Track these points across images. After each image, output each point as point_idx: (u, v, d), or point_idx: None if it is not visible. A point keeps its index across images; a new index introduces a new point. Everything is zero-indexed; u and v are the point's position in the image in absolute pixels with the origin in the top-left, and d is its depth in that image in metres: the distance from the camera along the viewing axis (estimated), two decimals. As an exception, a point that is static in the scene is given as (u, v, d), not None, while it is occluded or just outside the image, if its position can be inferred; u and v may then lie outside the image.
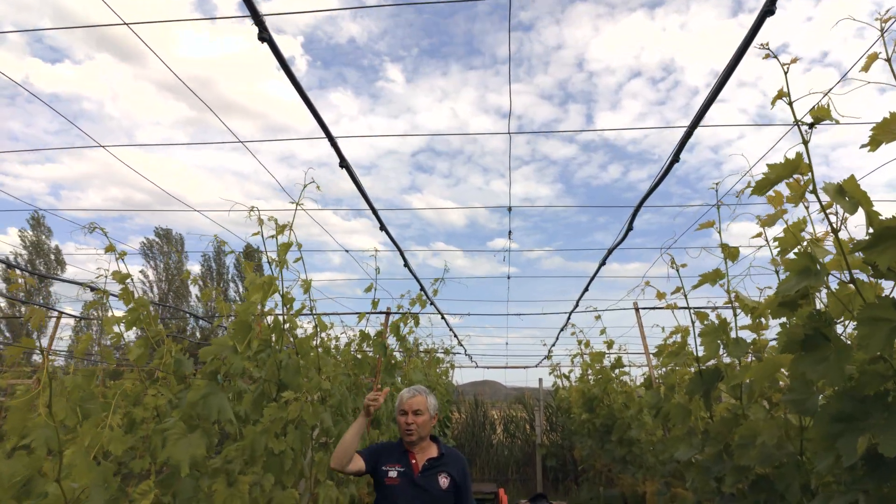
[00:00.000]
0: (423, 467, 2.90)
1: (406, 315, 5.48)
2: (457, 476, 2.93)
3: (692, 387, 3.07)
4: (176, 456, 2.22)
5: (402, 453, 2.95)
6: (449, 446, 3.12)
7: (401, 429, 2.98)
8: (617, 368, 6.68)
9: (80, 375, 2.98)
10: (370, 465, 2.90)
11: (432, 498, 2.83)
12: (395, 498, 2.82)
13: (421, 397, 3.01)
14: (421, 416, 2.96)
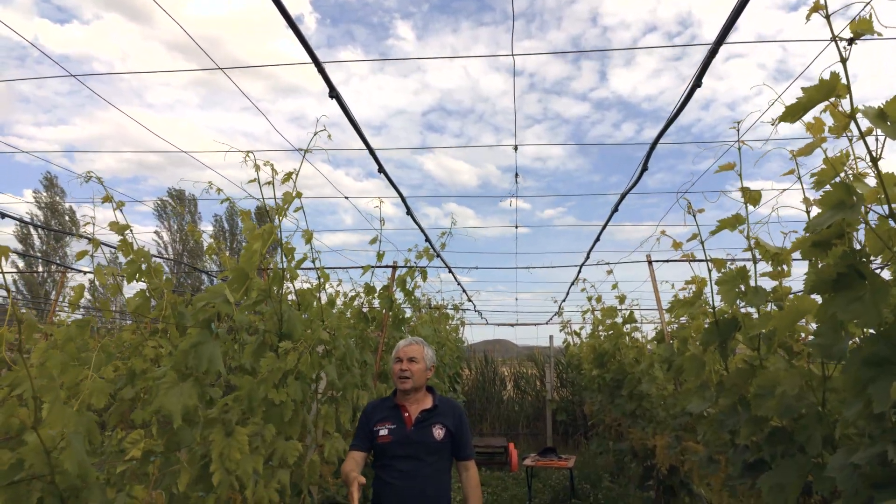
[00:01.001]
0: (415, 420, 2.84)
1: (413, 269, 5.37)
2: (452, 426, 2.87)
3: (707, 337, 2.94)
4: (167, 406, 2.13)
5: (393, 408, 2.91)
6: (444, 397, 3.04)
7: (395, 377, 2.93)
8: (628, 324, 6.57)
9: (73, 326, 2.90)
10: (368, 439, 2.85)
11: (427, 451, 2.78)
12: (389, 455, 2.78)
13: (417, 346, 2.97)
14: (416, 364, 2.91)
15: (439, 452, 2.79)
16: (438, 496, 2.68)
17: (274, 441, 3.02)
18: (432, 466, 2.76)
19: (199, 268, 28.03)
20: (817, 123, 1.99)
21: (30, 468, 1.57)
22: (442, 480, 2.80)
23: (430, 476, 2.73)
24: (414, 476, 2.71)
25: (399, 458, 2.76)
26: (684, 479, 5.81)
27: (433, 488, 2.73)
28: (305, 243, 3.64)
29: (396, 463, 2.76)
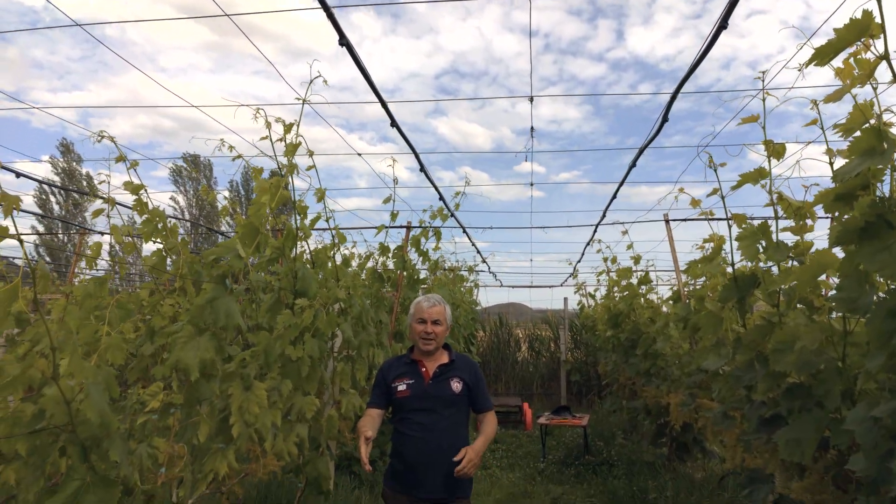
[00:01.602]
0: (433, 375, 2.88)
1: (427, 229, 5.35)
2: (468, 379, 2.90)
3: (726, 294, 2.90)
4: (184, 359, 2.16)
5: (411, 364, 2.94)
6: (460, 353, 3.08)
7: (417, 337, 2.94)
8: (644, 284, 6.52)
9: (91, 283, 2.93)
10: (385, 396, 2.90)
11: (444, 404, 2.82)
12: (407, 409, 2.83)
13: (440, 307, 2.96)
14: (440, 326, 2.92)
15: (456, 405, 2.85)
16: (456, 447, 2.70)
17: (291, 396, 3.07)
18: (449, 419, 2.81)
19: (215, 229, 28.28)
20: (847, 68, 1.90)
21: (50, 418, 1.60)
22: (459, 432, 2.84)
23: (447, 428, 2.78)
24: (432, 428, 2.76)
25: (417, 411, 2.81)
26: (697, 435, 5.85)
27: (451, 440, 2.77)
28: (318, 201, 3.62)
29: (414, 416, 2.80)
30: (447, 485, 2.70)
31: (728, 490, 5.14)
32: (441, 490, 2.71)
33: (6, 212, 1.31)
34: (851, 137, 1.83)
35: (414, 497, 2.73)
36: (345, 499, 4.69)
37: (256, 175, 3.06)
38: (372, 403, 2.95)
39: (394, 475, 2.83)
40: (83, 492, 1.63)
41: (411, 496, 2.73)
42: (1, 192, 1.33)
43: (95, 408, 1.60)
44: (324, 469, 3.38)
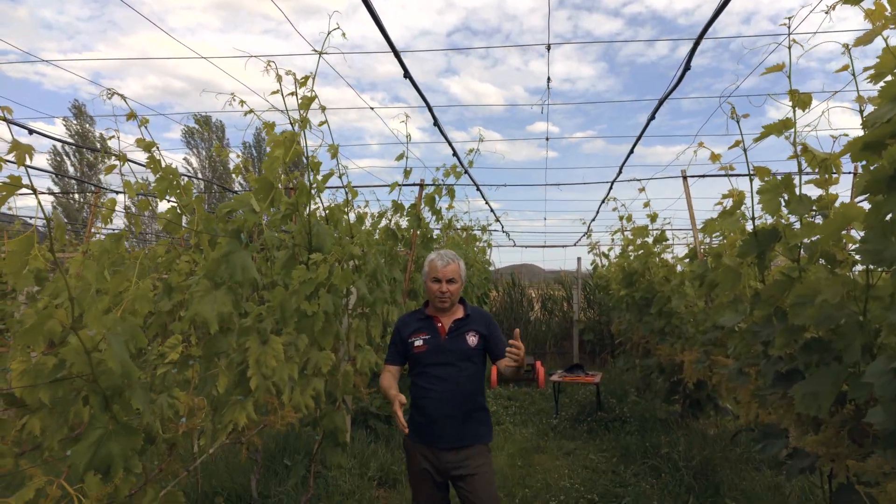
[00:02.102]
0: (449, 329, 2.91)
1: (440, 187, 5.31)
2: (483, 331, 2.94)
3: (745, 248, 2.85)
4: (202, 312, 2.17)
5: (426, 320, 2.97)
6: (474, 306, 3.09)
7: (432, 296, 2.96)
8: (659, 243, 6.46)
9: (108, 238, 2.94)
10: (402, 352, 2.96)
11: (461, 357, 2.86)
12: (425, 363, 2.87)
13: (455, 265, 2.96)
14: (454, 285, 2.93)
15: (473, 358, 2.89)
16: (474, 395, 2.82)
17: (307, 351, 3.10)
18: (466, 371, 2.86)
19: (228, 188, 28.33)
20: (878, 9, 1.82)
21: (71, 367, 1.62)
22: (476, 384, 2.90)
23: (464, 381, 2.84)
24: (449, 382, 2.82)
25: (434, 365, 2.86)
26: (711, 392, 5.88)
27: (468, 392, 2.85)
28: (332, 158, 3.59)
29: (432, 370, 2.85)
30: (467, 434, 2.79)
31: (741, 445, 5.18)
32: (461, 439, 2.79)
33: (19, 160, 1.30)
34: (882, 82, 1.75)
35: (432, 448, 2.81)
36: (361, 451, 4.79)
37: (269, 129, 3.03)
38: (389, 360, 3.02)
39: (414, 428, 2.88)
40: (106, 439, 1.66)
41: (433, 448, 2.81)
42: (13, 140, 1.31)
43: (116, 357, 1.62)
44: (340, 422, 3.44)
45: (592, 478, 5.03)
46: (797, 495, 3.97)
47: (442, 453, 2.79)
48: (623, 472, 5.11)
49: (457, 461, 2.78)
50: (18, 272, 1.38)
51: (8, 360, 2.10)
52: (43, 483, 1.54)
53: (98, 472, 1.65)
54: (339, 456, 3.54)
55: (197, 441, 2.68)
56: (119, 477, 1.65)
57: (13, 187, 1.32)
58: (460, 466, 2.78)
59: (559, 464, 5.50)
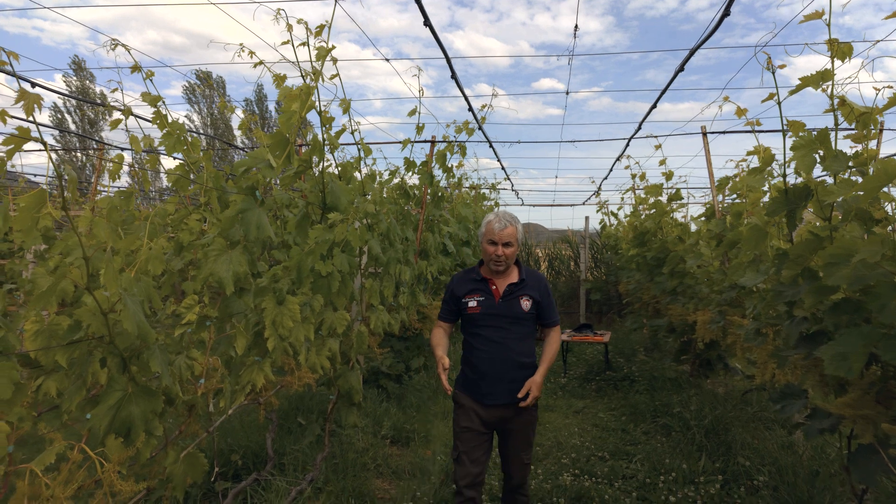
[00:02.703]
0: (503, 293, 2.90)
1: (452, 144, 5.18)
2: (538, 296, 2.92)
3: (774, 206, 2.75)
4: (218, 272, 2.11)
5: (481, 281, 2.94)
6: (530, 269, 3.07)
7: (488, 258, 2.91)
8: (674, 201, 6.34)
9: (116, 195, 2.87)
10: (454, 310, 2.98)
11: (513, 321, 2.87)
12: (478, 324, 2.88)
13: (512, 228, 2.89)
14: (510, 248, 2.89)
15: (525, 322, 2.89)
16: (524, 357, 2.84)
17: (322, 311, 3.05)
18: (517, 334, 2.87)
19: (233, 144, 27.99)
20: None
21: (87, 329, 1.56)
22: (527, 346, 2.91)
23: (515, 343, 2.85)
24: (501, 343, 2.84)
25: (486, 326, 2.87)
26: (721, 352, 5.86)
27: (518, 352, 2.86)
28: (344, 113, 3.47)
29: (484, 331, 2.87)
30: (515, 393, 2.80)
31: (752, 404, 5.19)
32: (509, 398, 2.83)
33: (27, 111, 1.21)
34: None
35: (482, 403, 2.86)
36: (374, 410, 4.81)
37: (280, 82, 2.91)
38: (442, 318, 3.05)
39: (465, 382, 2.95)
40: (126, 402, 1.62)
41: (480, 402, 2.87)
42: (20, 89, 1.22)
43: (133, 319, 1.56)
44: (355, 382, 3.42)
45: (602, 436, 5.06)
46: (809, 455, 3.97)
47: (490, 409, 2.86)
48: (633, 430, 5.13)
49: (503, 417, 2.87)
50: (30, 230, 1.31)
51: (21, 319, 2.05)
52: (63, 447, 1.50)
53: (119, 436, 1.61)
54: (353, 415, 3.53)
55: (213, 401, 2.66)
56: (140, 440, 1.61)
57: (21, 139, 1.23)
58: (506, 422, 2.88)
59: (569, 422, 5.53)
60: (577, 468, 4.22)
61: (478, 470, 2.85)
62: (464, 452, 2.86)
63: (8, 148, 1.23)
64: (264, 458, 3.72)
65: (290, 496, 3.17)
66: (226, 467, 3.62)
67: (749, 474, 3.82)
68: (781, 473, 3.70)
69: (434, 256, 5.48)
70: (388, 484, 3.87)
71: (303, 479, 3.39)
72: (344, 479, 3.61)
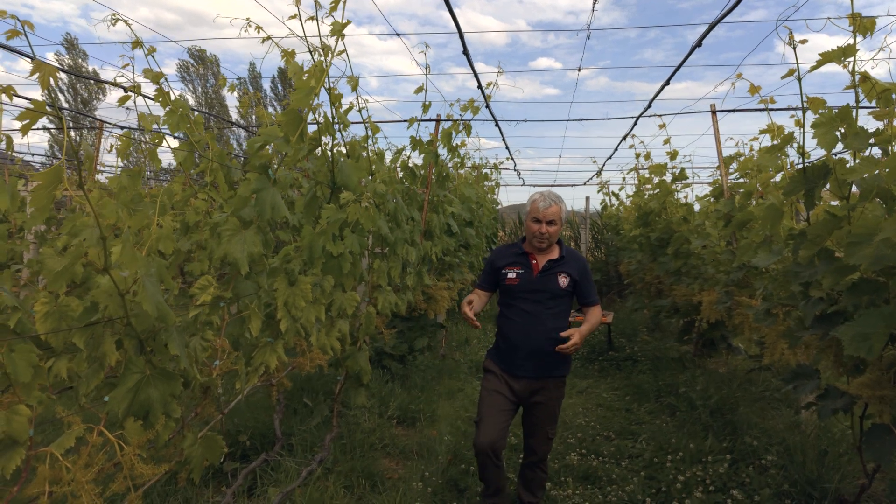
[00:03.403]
0: (542, 268, 2.99)
1: (457, 123, 5.10)
2: (576, 274, 3.01)
3: (792, 186, 2.72)
4: (232, 252, 2.06)
5: (522, 255, 3.04)
6: (571, 248, 3.15)
7: (531, 235, 3.00)
8: (679, 181, 6.29)
9: (124, 175, 2.81)
10: (493, 279, 3.07)
11: (550, 296, 2.95)
12: (514, 296, 2.98)
13: (556, 207, 2.98)
14: (554, 226, 2.97)
15: (561, 298, 2.98)
16: (557, 332, 2.88)
17: (332, 292, 3.01)
18: (553, 310, 2.95)
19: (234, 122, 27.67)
20: None
21: (104, 310, 1.52)
22: (560, 321, 2.98)
23: (550, 318, 2.93)
24: (535, 317, 2.92)
25: (523, 299, 2.96)
26: (725, 333, 5.87)
27: (551, 327, 2.93)
28: (352, 90, 3.40)
29: (520, 304, 2.96)
30: (545, 366, 2.93)
31: (757, 384, 5.20)
32: (539, 371, 2.94)
33: (43, 83, 1.16)
34: None
35: (514, 376, 2.96)
36: (379, 390, 4.80)
37: (289, 59, 2.83)
38: (480, 286, 3.16)
39: (497, 353, 3.05)
40: (144, 385, 1.59)
41: (511, 374, 2.96)
42: (34, 60, 1.16)
43: (151, 300, 1.52)
44: (364, 363, 3.40)
45: (607, 416, 5.07)
46: (816, 434, 3.99)
47: (520, 381, 2.95)
48: (637, 410, 5.15)
49: (532, 390, 2.95)
50: (45, 208, 1.26)
51: (30, 301, 2.01)
52: (82, 430, 1.47)
53: (137, 418, 1.58)
54: (362, 396, 3.52)
55: (221, 384, 2.64)
56: (160, 423, 1.58)
57: (37, 114, 1.18)
58: (534, 394, 2.96)
59: (573, 402, 5.54)
60: (583, 448, 4.23)
61: (497, 435, 2.88)
62: (487, 416, 2.91)
63: (23, 123, 1.17)
64: (272, 439, 3.71)
65: (300, 476, 3.17)
66: (234, 448, 3.62)
67: (757, 454, 3.83)
68: (790, 453, 3.72)
69: (439, 237, 5.44)
70: (396, 464, 3.88)
71: (312, 460, 3.39)
72: (353, 459, 3.61)
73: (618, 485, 3.63)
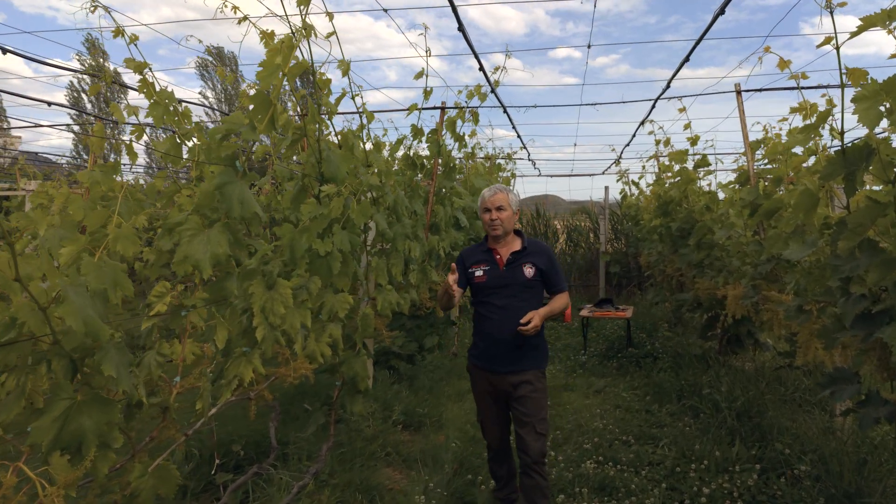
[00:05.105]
0: (507, 261, 3.04)
1: (463, 110, 4.84)
2: (542, 264, 3.05)
3: (830, 169, 2.41)
4: (193, 254, 1.84)
5: (486, 251, 3.10)
6: (533, 239, 3.20)
7: (486, 226, 3.08)
8: (701, 168, 5.94)
9: (97, 171, 2.60)
10: (464, 279, 3.09)
11: (519, 287, 2.99)
12: (486, 293, 3.03)
13: (502, 194, 3.06)
14: (504, 212, 3.03)
15: (531, 289, 3.01)
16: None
17: (321, 294, 2.79)
18: (525, 301, 2.97)
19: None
20: None
21: (21, 326, 1.30)
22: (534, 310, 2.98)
23: (522, 309, 2.92)
24: (508, 310, 2.95)
25: (494, 295, 3.01)
26: (752, 328, 5.53)
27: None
28: (343, 76, 3.15)
29: (492, 299, 3.01)
30: (523, 359, 2.98)
31: (786, 384, 4.88)
32: (517, 364, 2.98)
33: None
34: None
35: (495, 372, 3.00)
36: (384, 393, 4.58)
37: (268, 39, 2.59)
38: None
39: (476, 352, 3.11)
40: (75, 412, 1.37)
41: (493, 371, 3.01)
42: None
43: (78, 314, 1.30)
44: (360, 369, 3.17)
45: (625, 417, 4.79)
46: (854, 440, 3.67)
47: (500, 377, 2.99)
48: (657, 411, 4.86)
49: (513, 384, 2.98)
50: None
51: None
52: (-3, 467, 1.25)
53: (68, 451, 1.36)
54: (359, 403, 3.30)
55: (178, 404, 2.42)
56: (91, 455, 1.36)
57: None
58: (516, 388, 2.97)
59: (589, 402, 5.27)
60: (599, 454, 3.96)
61: (501, 430, 3.14)
62: (486, 419, 3.14)
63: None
64: (267, 448, 3.51)
65: (291, 492, 2.95)
66: (227, 458, 3.42)
67: (788, 462, 3.53)
68: (825, 462, 3.41)
69: (445, 231, 5.19)
70: (399, 473, 3.66)
71: (306, 472, 3.17)
72: (351, 470, 3.39)
73: (637, 497, 3.36)
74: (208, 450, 3.33)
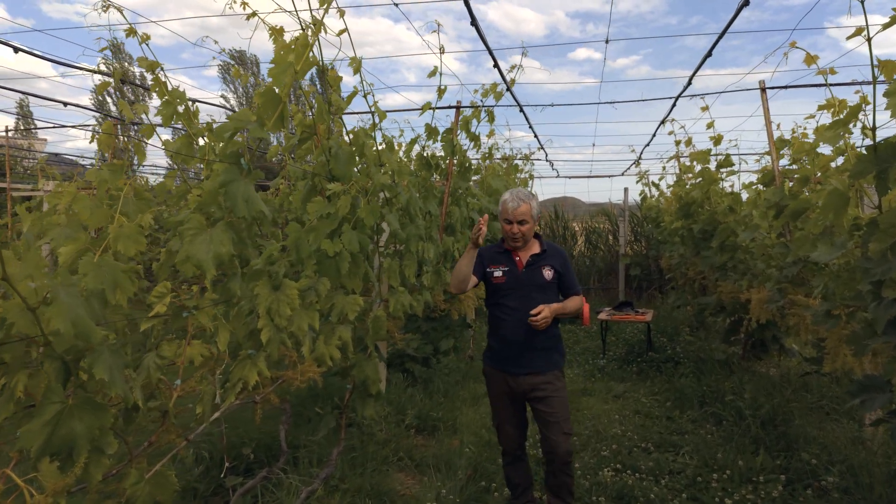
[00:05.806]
0: (526, 263, 3.04)
1: (478, 109, 4.76)
2: (558, 266, 3.06)
3: (861, 167, 2.29)
4: (196, 254, 1.79)
5: (504, 253, 3.10)
6: (550, 242, 3.24)
7: (505, 234, 3.06)
8: (724, 168, 5.79)
9: (105, 169, 2.58)
10: (479, 274, 3.07)
11: (537, 289, 2.99)
12: (503, 294, 3.03)
13: (526, 205, 3.00)
14: (525, 226, 3.01)
15: (548, 290, 3.02)
16: (547, 327, 2.89)
17: (331, 296, 2.73)
18: (541, 302, 2.93)
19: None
20: None
21: (10, 327, 1.26)
22: None
23: None
24: (525, 311, 2.91)
25: (512, 296, 3.00)
26: (777, 333, 5.37)
27: None
28: (354, 73, 3.10)
29: (509, 301, 3.00)
30: (540, 361, 2.98)
31: (813, 391, 4.72)
32: (534, 365, 2.97)
33: None
34: None
35: (510, 373, 3.00)
36: (397, 396, 4.52)
37: (277, 36, 2.55)
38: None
39: (492, 354, 3.10)
40: (66, 417, 1.32)
41: (508, 373, 3.00)
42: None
43: (66, 315, 1.25)
44: (371, 372, 3.11)
45: (645, 424, 4.67)
46: (885, 451, 3.52)
47: (517, 378, 2.98)
48: (679, 417, 4.73)
49: (532, 385, 2.97)
50: None
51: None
52: (-16, 473, 1.21)
53: (59, 457, 1.31)
54: (370, 407, 3.23)
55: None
56: (82, 461, 1.31)
57: None
58: (535, 390, 2.97)
59: (608, 408, 5.15)
60: (618, 461, 3.85)
61: (518, 433, 3.12)
62: (503, 420, 3.10)
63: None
64: (277, 451, 3.46)
65: (301, 496, 2.90)
66: (237, 461, 3.38)
67: (815, 473, 3.39)
68: (854, 473, 3.27)
69: (461, 232, 5.12)
70: (412, 478, 3.59)
71: (316, 477, 3.12)
72: (362, 475, 3.33)
73: (656, 507, 3.25)
74: (218, 452, 3.30)
